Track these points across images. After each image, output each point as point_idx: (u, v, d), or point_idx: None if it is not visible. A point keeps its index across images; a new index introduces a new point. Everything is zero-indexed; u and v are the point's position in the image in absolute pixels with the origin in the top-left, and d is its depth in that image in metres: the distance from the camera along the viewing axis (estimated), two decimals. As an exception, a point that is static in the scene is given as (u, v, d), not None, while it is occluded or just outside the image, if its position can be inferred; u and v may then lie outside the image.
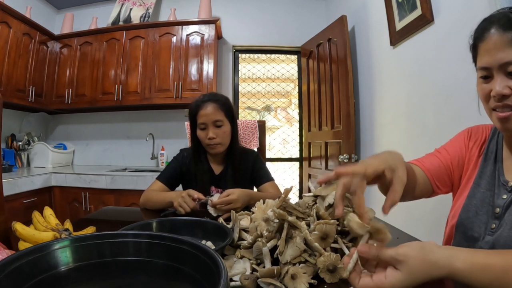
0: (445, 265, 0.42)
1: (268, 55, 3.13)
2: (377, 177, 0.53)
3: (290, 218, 0.57)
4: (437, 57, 1.44)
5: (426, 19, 1.48)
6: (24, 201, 2.01)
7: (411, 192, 0.74)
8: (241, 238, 0.68)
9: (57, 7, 3.03)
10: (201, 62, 2.55)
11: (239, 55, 3.05)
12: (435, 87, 1.46)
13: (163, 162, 2.75)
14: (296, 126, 3.17)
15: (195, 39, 2.58)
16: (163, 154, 2.76)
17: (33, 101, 2.43)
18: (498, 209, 0.64)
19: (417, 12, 1.54)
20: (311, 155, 2.76)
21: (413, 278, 0.41)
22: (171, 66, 2.56)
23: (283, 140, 3.42)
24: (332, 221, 0.58)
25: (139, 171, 2.62)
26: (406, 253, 0.42)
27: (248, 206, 1.03)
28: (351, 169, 0.51)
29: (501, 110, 0.60)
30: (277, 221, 0.59)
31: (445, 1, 1.38)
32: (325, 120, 2.50)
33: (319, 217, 0.61)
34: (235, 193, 1.00)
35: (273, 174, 1.33)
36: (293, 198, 3.01)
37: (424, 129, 1.55)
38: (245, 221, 0.75)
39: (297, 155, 3.08)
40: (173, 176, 1.27)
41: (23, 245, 0.64)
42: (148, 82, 2.57)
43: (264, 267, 0.55)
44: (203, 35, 2.58)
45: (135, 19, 2.74)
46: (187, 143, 1.46)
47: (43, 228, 0.67)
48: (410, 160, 0.78)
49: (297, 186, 3.02)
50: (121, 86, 2.56)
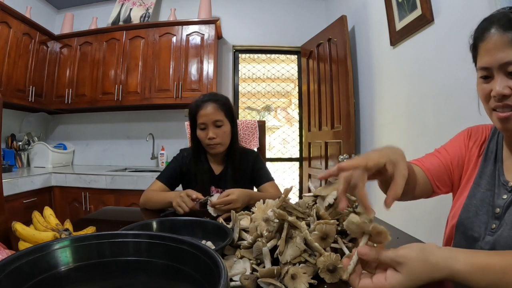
0: (445, 266, 0.42)
1: (268, 55, 3.13)
2: (378, 172, 0.53)
3: (290, 218, 0.57)
4: (437, 57, 1.44)
5: (426, 19, 1.48)
6: (24, 201, 2.01)
7: (411, 192, 0.74)
8: (241, 238, 0.68)
9: (57, 7, 3.03)
10: (201, 62, 2.55)
11: (239, 55, 3.05)
12: (435, 87, 1.46)
13: (163, 162, 2.75)
14: (296, 126, 3.17)
15: (195, 39, 2.58)
16: (163, 154, 2.76)
17: (33, 101, 2.43)
18: (498, 209, 0.64)
19: (417, 12, 1.54)
20: (311, 155, 2.76)
21: (413, 280, 0.41)
22: (171, 66, 2.55)
23: (283, 140, 3.42)
24: (332, 221, 0.58)
25: (139, 171, 2.62)
26: (406, 255, 0.42)
27: (248, 206, 1.03)
28: (353, 163, 0.51)
29: (501, 110, 0.60)
30: (277, 221, 0.59)
31: (445, 1, 1.38)
32: (325, 120, 2.50)
33: (319, 217, 0.61)
34: (234, 193, 1.00)
35: (273, 174, 1.33)
36: (293, 198, 3.01)
37: (424, 129, 1.55)
38: (245, 221, 0.75)
39: (297, 155, 3.08)
40: (173, 176, 1.27)
41: (23, 245, 0.64)
42: (148, 82, 2.57)
43: (264, 267, 0.55)
44: (203, 35, 2.58)
45: (135, 19, 2.74)
46: (187, 143, 1.46)
47: (43, 228, 0.67)
48: (410, 160, 0.78)
49: (297, 186, 3.02)
50: (121, 86, 2.56)
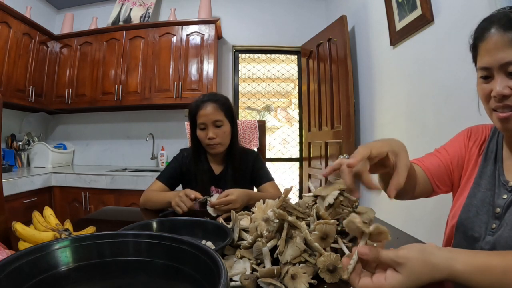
0: (445, 267, 0.42)
1: (268, 55, 3.13)
2: (380, 165, 0.53)
3: (290, 218, 0.57)
4: (437, 57, 1.44)
5: (426, 19, 1.48)
6: (24, 201, 2.01)
7: (411, 191, 0.74)
8: (241, 238, 0.68)
9: (57, 7, 3.03)
10: (201, 62, 2.55)
11: (239, 55, 3.05)
12: (435, 87, 1.46)
13: (163, 162, 2.75)
14: (296, 126, 3.17)
15: (195, 39, 2.58)
16: (163, 154, 2.76)
17: (33, 101, 2.43)
18: (498, 209, 0.64)
19: (417, 12, 1.54)
20: (311, 155, 2.76)
21: (413, 280, 0.41)
22: (171, 66, 2.55)
23: (283, 140, 3.41)
24: (332, 221, 0.58)
25: (139, 171, 2.62)
26: (406, 255, 0.42)
27: (248, 206, 1.03)
28: (358, 158, 0.51)
29: (501, 111, 0.60)
30: (277, 221, 0.59)
31: (445, 1, 1.38)
32: (325, 120, 2.50)
33: (319, 217, 0.61)
34: (234, 193, 1.00)
35: (273, 174, 1.33)
36: (293, 198, 3.01)
37: (424, 129, 1.55)
38: (245, 221, 0.75)
39: (297, 155, 3.08)
40: (173, 176, 1.27)
41: (23, 245, 0.64)
42: (148, 82, 2.57)
43: (264, 267, 0.55)
44: (203, 35, 2.58)
45: (135, 19, 2.74)
46: (187, 143, 1.46)
47: (43, 228, 0.67)
48: (410, 160, 0.78)
49: (297, 186, 3.02)
50: (121, 86, 2.56)
